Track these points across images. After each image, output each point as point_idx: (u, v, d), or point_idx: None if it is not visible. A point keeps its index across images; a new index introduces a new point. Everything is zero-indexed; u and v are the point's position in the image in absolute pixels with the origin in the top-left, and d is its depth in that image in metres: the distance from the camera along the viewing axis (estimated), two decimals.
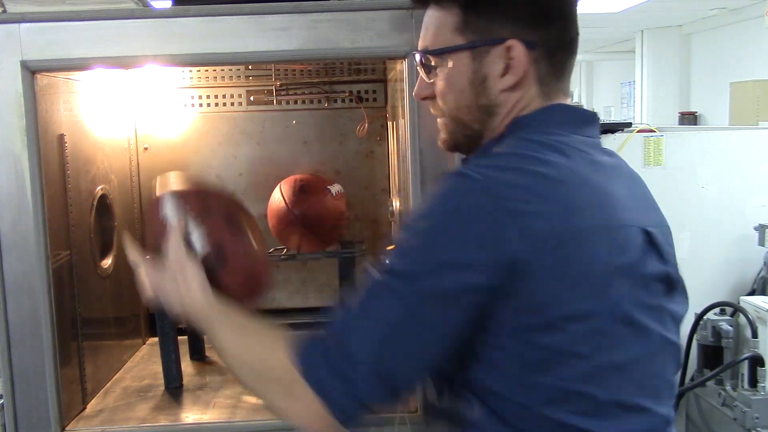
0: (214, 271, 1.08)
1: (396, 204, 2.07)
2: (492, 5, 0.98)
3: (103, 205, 1.96)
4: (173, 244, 1.09)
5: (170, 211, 1.12)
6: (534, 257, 0.85)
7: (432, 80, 1.03)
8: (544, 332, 0.87)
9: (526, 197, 0.87)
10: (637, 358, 0.91)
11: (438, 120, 1.07)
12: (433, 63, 1.02)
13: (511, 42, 0.97)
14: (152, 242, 1.13)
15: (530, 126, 0.99)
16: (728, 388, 1.91)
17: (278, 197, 2.10)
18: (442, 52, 1.01)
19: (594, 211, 0.90)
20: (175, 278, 1.07)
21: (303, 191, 2.07)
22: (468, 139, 1.05)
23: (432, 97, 1.05)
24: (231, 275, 1.11)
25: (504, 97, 1.00)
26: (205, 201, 1.15)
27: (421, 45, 1.05)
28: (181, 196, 1.13)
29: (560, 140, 0.96)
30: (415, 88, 1.08)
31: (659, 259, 0.95)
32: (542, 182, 0.89)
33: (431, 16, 1.03)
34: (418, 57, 1.05)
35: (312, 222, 2.02)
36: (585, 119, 1.03)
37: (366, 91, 2.31)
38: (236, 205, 1.20)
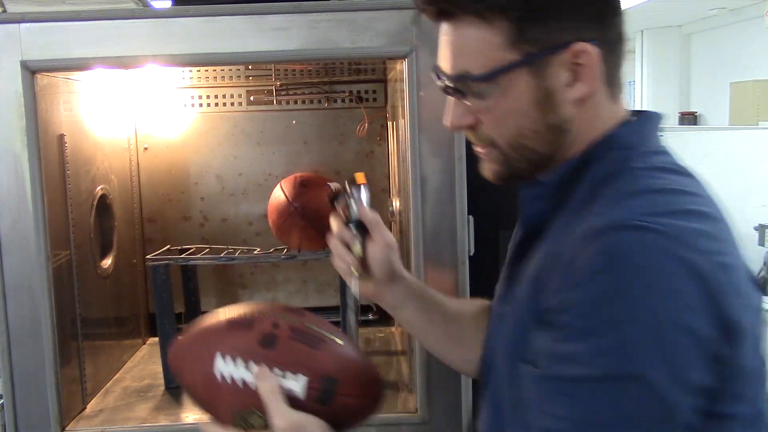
0: (327, 403, 0.94)
1: (396, 204, 2.07)
2: (551, 7, 0.84)
3: (103, 205, 1.96)
4: (274, 409, 0.91)
5: (235, 369, 0.94)
6: (744, 316, 0.76)
7: (474, 105, 0.89)
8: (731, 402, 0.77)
9: (720, 246, 0.77)
10: None
11: (480, 149, 0.94)
12: (477, 89, 0.87)
13: (578, 46, 0.84)
14: (219, 409, 0.98)
15: (634, 146, 0.88)
16: None
17: (279, 193, 2.11)
18: (494, 76, 0.85)
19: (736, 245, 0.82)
20: None
21: (303, 185, 2.07)
22: (532, 166, 0.91)
23: (474, 126, 0.91)
24: (347, 396, 0.95)
25: (575, 110, 0.87)
26: (267, 338, 0.96)
27: (451, 68, 0.89)
28: (237, 348, 0.95)
29: (676, 161, 0.88)
30: (449, 117, 0.92)
31: None
32: (714, 224, 0.79)
33: (466, 34, 0.86)
34: (448, 82, 0.89)
35: (312, 215, 2.02)
36: (659, 122, 0.94)
37: (366, 91, 2.31)
38: (293, 316, 1.01)
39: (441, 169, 1.53)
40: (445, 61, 0.90)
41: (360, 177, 1.10)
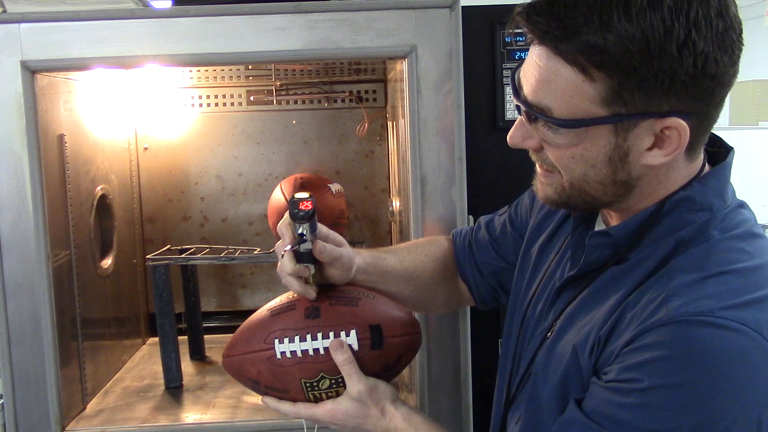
0: (379, 347, 1.07)
1: (396, 204, 2.07)
2: (661, 78, 0.78)
3: (103, 205, 1.96)
4: (351, 375, 1.04)
5: (294, 345, 1.06)
6: None
7: (543, 136, 0.87)
8: None
9: None
10: None
11: (540, 170, 0.93)
12: (553, 127, 0.84)
13: (671, 120, 0.80)
14: (290, 386, 1.07)
15: (713, 207, 0.87)
16: None
17: (278, 194, 2.11)
18: (575, 125, 0.82)
19: None
20: (363, 413, 1.05)
21: (303, 187, 2.07)
22: (589, 206, 0.93)
23: (537, 150, 0.90)
24: (394, 337, 1.08)
25: (647, 170, 0.86)
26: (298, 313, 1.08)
27: (533, 95, 0.84)
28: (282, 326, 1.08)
29: (752, 218, 0.89)
30: (513, 133, 0.90)
31: None
32: None
33: (560, 73, 0.81)
34: (525, 106, 0.86)
35: None
36: (731, 168, 0.91)
37: (366, 91, 2.31)
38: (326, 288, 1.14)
39: (441, 169, 1.53)
40: (528, 82, 0.85)
41: (304, 203, 1.01)
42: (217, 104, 2.31)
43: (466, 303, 1.36)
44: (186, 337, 2.11)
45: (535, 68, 0.83)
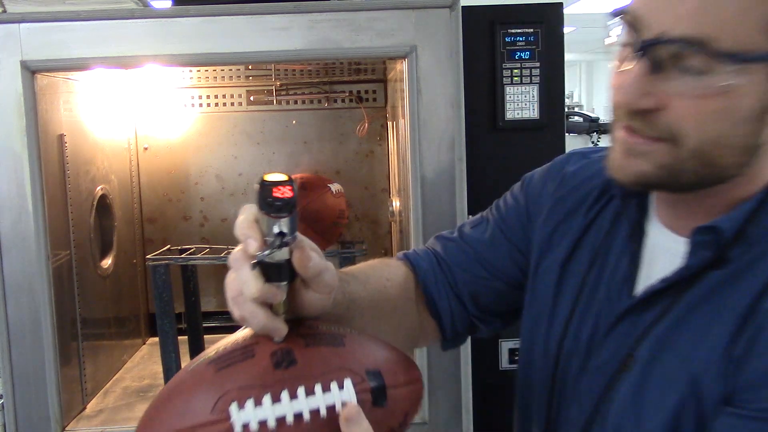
0: (382, 401, 0.71)
1: (396, 204, 2.07)
2: None
3: (103, 205, 1.96)
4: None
5: (262, 411, 0.66)
6: None
7: (677, 87, 0.68)
8: None
9: None
10: None
11: (642, 141, 0.72)
12: (704, 68, 0.66)
13: None
14: None
15: None
16: None
17: None
18: (742, 59, 0.65)
19: None
20: None
21: (303, 188, 2.07)
22: (690, 184, 0.74)
23: (652, 110, 0.70)
24: (398, 387, 0.72)
25: None
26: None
27: (691, 25, 0.66)
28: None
29: None
30: (630, 89, 0.70)
31: None
32: None
33: None
34: (664, 44, 0.67)
35: (312, 217, 2.02)
36: None
37: (366, 91, 2.31)
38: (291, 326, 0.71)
39: (441, 169, 1.53)
40: (674, 11, 0.67)
41: (280, 188, 0.66)
42: (217, 104, 2.31)
43: (426, 341, 1.03)
44: (186, 337, 2.10)
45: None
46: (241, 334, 0.72)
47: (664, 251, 0.80)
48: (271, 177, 0.66)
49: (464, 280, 0.98)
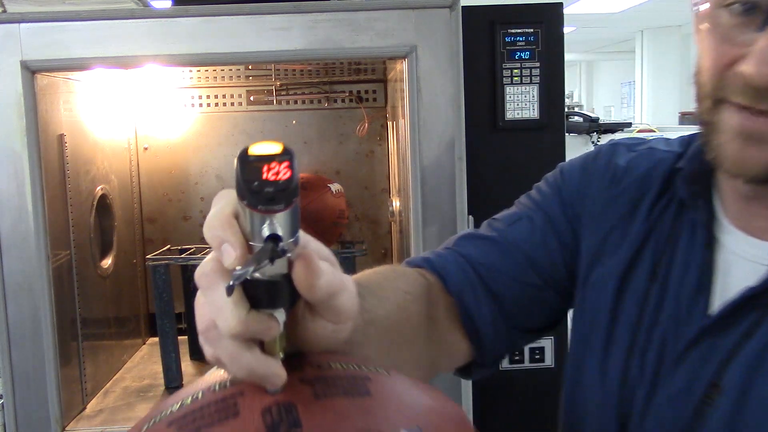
0: None
1: (396, 204, 2.07)
2: None
3: (103, 205, 1.96)
4: None
5: None
6: None
7: None
8: None
9: None
10: None
11: (765, 122, 0.60)
12: None
13: None
14: None
15: None
16: None
17: None
18: None
19: None
20: None
21: (303, 188, 2.07)
22: None
23: None
24: None
25: None
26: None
27: None
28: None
29: None
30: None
31: None
32: None
33: None
34: None
35: (312, 217, 2.02)
36: None
37: (366, 91, 2.31)
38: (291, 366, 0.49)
39: (441, 169, 1.53)
40: None
41: (272, 166, 0.44)
42: (217, 104, 2.31)
43: (451, 366, 0.84)
44: (186, 337, 2.10)
45: None
46: (218, 375, 0.50)
47: (741, 259, 0.68)
48: (257, 149, 0.44)
49: (512, 290, 0.80)
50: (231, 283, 0.43)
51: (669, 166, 0.77)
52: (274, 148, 0.44)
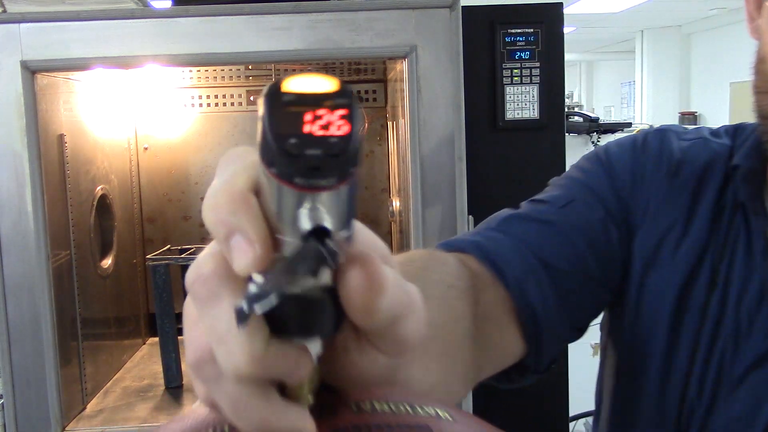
0: None
1: (396, 204, 2.07)
2: None
3: (103, 205, 1.96)
4: None
5: None
6: None
7: None
8: None
9: None
10: None
11: None
12: None
13: None
14: None
15: None
16: None
17: None
18: None
19: None
20: None
21: None
22: None
23: None
24: None
25: None
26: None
27: None
28: None
29: None
30: None
31: None
32: None
33: None
34: None
35: None
36: None
37: (366, 91, 2.31)
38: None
39: (441, 169, 1.53)
40: None
41: (325, 116, 0.29)
42: (217, 104, 2.30)
43: (494, 370, 0.69)
44: None
45: None
46: (210, 416, 0.34)
47: None
48: (297, 83, 0.29)
49: (575, 281, 0.69)
50: (244, 307, 0.27)
51: (725, 160, 0.70)
52: (325, 84, 0.29)
